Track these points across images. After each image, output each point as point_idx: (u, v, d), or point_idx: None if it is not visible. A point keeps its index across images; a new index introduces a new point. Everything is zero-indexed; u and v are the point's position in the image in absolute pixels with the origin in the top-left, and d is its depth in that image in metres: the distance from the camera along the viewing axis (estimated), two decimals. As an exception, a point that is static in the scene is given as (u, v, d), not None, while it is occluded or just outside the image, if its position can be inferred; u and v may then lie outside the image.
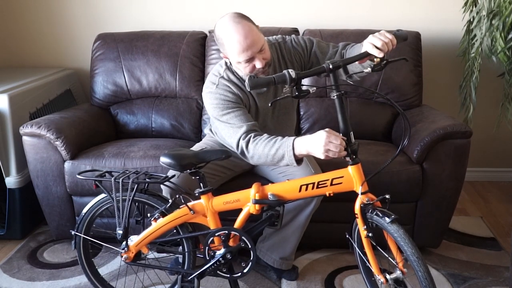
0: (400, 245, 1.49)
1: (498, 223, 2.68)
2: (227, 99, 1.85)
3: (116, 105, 2.81)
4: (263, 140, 1.73)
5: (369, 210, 1.56)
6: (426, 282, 1.44)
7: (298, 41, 2.00)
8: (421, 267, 1.44)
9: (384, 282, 1.61)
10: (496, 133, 2.98)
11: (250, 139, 1.76)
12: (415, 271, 1.46)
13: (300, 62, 1.99)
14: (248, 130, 1.78)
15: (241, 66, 1.80)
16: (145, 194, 1.83)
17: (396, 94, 2.64)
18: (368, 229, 1.58)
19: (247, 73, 1.81)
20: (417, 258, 1.45)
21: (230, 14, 1.80)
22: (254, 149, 1.75)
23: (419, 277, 1.45)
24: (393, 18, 2.96)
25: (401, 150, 1.56)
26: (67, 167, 2.30)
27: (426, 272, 1.44)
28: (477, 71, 2.67)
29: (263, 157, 1.73)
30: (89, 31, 3.06)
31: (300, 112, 2.69)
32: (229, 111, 1.83)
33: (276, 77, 1.52)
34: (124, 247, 1.83)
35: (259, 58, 1.77)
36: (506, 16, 2.41)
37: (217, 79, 1.90)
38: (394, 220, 1.50)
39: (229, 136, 1.82)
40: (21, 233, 2.54)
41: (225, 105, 1.84)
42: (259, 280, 2.16)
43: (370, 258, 1.64)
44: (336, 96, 1.55)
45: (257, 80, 1.52)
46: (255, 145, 1.74)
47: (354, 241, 1.73)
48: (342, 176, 1.60)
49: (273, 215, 1.71)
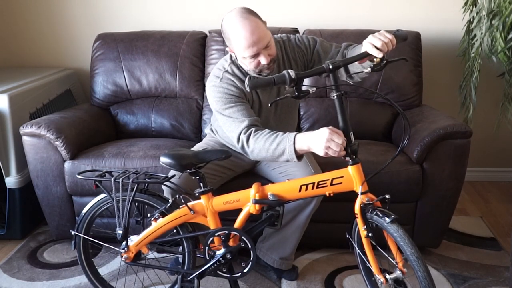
0: (399, 245, 1.49)
1: (498, 223, 2.68)
2: (231, 93, 1.85)
3: (116, 105, 2.81)
4: (264, 135, 1.73)
5: (369, 210, 1.56)
6: (425, 282, 1.44)
7: (302, 40, 2.01)
8: (421, 267, 1.44)
9: (384, 282, 1.61)
10: (496, 133, 2.98)
11: (251, 134, 1.76)
12: (415, 271, 1.46)
13: (303, 61, 2.00)
14: (249, 125, 1.78)
15: (247, 61, 1.81)
16: (145, 194, 1.83)
17: (396, 94, 2.64)
18: (368, 229, 1.58)
19: (252, 68, 1.82)
20: (416, 258, 1.45)
21: (238, 9, 1.80)
22: (254, 144, 1.75)
23: (418, 277, 1.45)
24: (393, 18, 2.96)
25: (401, 150, 1.56)
26: (67, 167, 2.30)
27: (426, 272, 1.44)
28: (477, 71, 2.67)
29: (263, 152, 1.73)
30: (89, 31, 3.06)
31: (300, 112, 2.69)
32: (232, 105, 1.83)
33: (275, 78, 1.52)
34: (124, 247, 1.83)
35: (264, 55, 1.78)
36: (506, 16, 2.41)
37: (222, 73, 1.90)
38: (394, 220, 1.50)
39: (231, 130, 1.83)
40: (21, 233, 2.54)
41: (228, 99, 1.84)
42: (259, 280, 2.16)
43: (370, 258, 1.64)
44: (336, 96, 1.55)
45: (256, 80, 1.52)
46: (256, 140, 1.74)
47: (354, 241, 1.73)
48: (342, 176, 1.60)
49: (273, 215, 1.71)
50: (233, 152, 2.00)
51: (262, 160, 1.94)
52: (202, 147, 2.09)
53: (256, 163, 2.17)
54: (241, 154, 2.11)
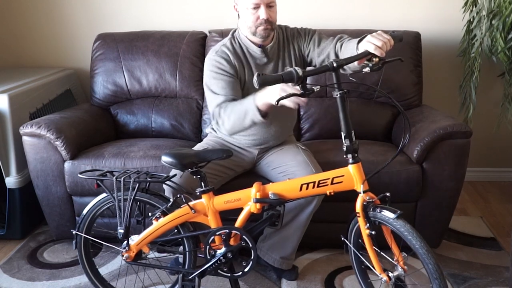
0: (407, 239, 1.50)
1: (498, 223, 2.68)
2: (221, 67, 1.95)
3: (116, 105, 2.81)
4: (232, 103, 1.87)
5: (371, 208, 1.57)
6: (436, 274, 1.47)
7: (301, 28, 2.15)
8: (431, 260, 1.47)
9: (388, 280, 1.61)
10: (496, 133, 2.98)
11: (223, 106, 1.89)
12: (425, 264, 1.48)
13: (300, 47, 2.10)
14: (227, 100, 1.89)
15: (248, 13, 1.94)
16: (146, 194, 1.83)
17: (396, 94, 2.64)
18: (370, 227, 1.59)
19: (251, 23, 1.95)
20: (426, 251, 1.47)
21: None
22: (224, 113, 1.87)
23: (429, 270, 1.48)
24: (393, 18, 2.96)
25: (401, 149, 1.57)
26: (67, 167, 2.29)
27: (436, 264, 1.47)
28: (477, 71, 2.67)
29: (232, 117, 1.85)
30: (89, 31, 3.06)
31: (300, 112, 2.69)
32: (219, 79, 1.94)
33: (284, 75, 1.53)
34: (125, 246, 1.83)
35: (265, 10, 1.92)
36: (506, 16, 2.42)
37: (219, 46, 2.04)
38: (400, 216, 1.51)
39: (209, 103, 1.97)
40: (21, 233, 2.54)
41: (217, 72, 1.95)
42: (259, 280, 2.16)
43: (372, 257, 1.64)
44: (339, 95, 1.56)
45: (265, 77, 1.52)
46: (225, 109, 1.87)
47: (351, 243, 1.73)
48: (343, 175, 1.61)
49: (274, 214, 1.72)
50: (234, 151, 2.01)
51: (234, 132, 1.95)
52: (203, 147, 2.10)
53: (257, 162, 2.17)
54: (242, 153, 2.12)
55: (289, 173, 2.00)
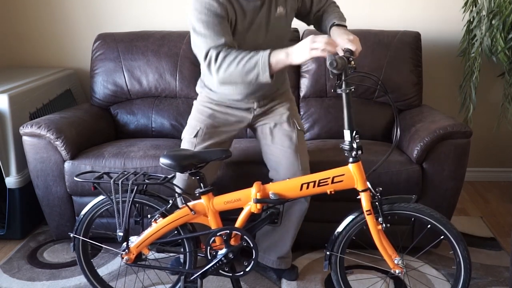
0: (429, 216, 1.66)
1: (498, 223, 2.68)
2: (212, 8, 1.72)
3: (116, 105, 2.81)
4: (237, 51, 1.67)
5: (382, 203, 1.61)
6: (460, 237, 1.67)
7: None
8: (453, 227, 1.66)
9: (402, 272, 1.68)
10: (496, 133, 2.98)
11: (222, 50, 1.68)
12: (449, 231, 1.66)
13: None
14: (223, 44, 1.69)
15: None
16: (145, 195, 1.82)
17: (396, 94, 2.64)
18: (385, 221, 1.63)
19: None
20: (446, 221, 1.66)
21: None
22: (223, 59, 1.67)
23: (453, 235, 1.66)
24: (393, 18, 2.96)
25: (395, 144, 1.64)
26: (67, 167, 2.29)
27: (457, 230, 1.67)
28: (477, 71, 2.67)
29: (233, 66, 1.65)
30: (89, 31, 3.06)
31: (300, 112, 2.69)
32: (209, 20, 1.71)
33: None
34: (125, 248, 1.82)
35: None
36: (506, 16, 2.42)
37: None
38: (416, 200, 1.63)
39: (199, 45, 1.73)
40: (21, 233, 2.54)
41: (206, 13, 1.72)
42: (259, 280, 2.16)
43: (385, 250, 1.68)
44: (345, 91, 1.57)
45: (341, 61, 1.51)
46: (226, 55, 1.67)
47: (338, 253, 1.76)
48: (343, 174, 1.62)
49: (273, 213, 1.72)
50: (224, 108, 1.99)
51: (226, 83, 1.77)
52: (195, 128, 2.01)
53: (253, 121, 2.06)
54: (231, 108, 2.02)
55: (273, 168, 2.01)
